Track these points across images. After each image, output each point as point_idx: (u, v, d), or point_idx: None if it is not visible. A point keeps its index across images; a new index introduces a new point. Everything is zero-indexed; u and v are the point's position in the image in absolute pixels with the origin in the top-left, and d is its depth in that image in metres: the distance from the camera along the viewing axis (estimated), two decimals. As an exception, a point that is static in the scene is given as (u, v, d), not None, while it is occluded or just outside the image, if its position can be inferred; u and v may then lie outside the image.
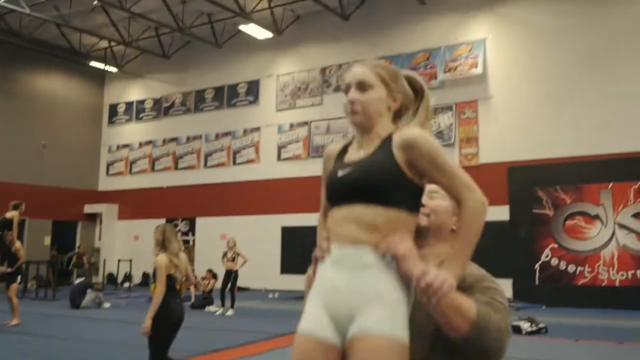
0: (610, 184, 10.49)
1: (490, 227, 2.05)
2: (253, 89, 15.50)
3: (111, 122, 18.13)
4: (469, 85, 12.21)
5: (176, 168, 16.44)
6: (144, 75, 17.37)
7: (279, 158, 14.68)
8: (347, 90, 1.80)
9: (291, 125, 14.68)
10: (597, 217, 10.60)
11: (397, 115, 1.83)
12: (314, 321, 1.72)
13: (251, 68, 15.41)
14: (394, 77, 1.81)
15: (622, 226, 10.38)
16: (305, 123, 14.45)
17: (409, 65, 12.70)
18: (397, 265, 1.59)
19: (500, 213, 10.93)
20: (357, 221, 1.68)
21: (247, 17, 13.48)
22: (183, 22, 14.30)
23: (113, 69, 17.13)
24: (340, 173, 1.76)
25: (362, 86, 1.78)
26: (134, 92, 17.71)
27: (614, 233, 10.41)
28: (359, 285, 1.67)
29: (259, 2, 13.69)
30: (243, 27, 14.24)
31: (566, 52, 11.25)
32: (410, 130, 1.73)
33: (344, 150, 1.86)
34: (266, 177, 14.61)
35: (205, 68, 16.17)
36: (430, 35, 12.83)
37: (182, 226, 15.85)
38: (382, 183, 1.69)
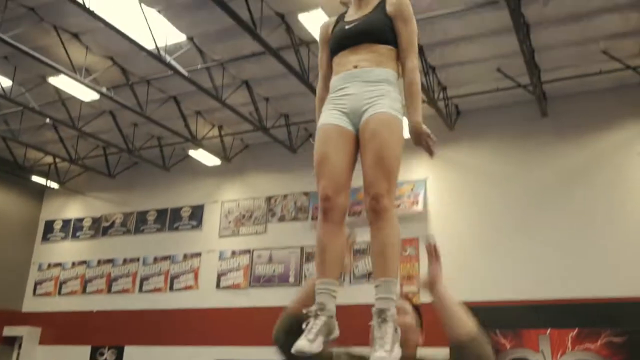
0: (548, 330, 10.55)
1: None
2: (197, 213, 15.37)
3: (45, 238, 17.43)
4: (410, 223, 12.40)
5: (109, 291, 15.69)
6: (86, 193, 17.06)
7: (218, 286, 14.26)
8: None
9: (233, 253, 14.45)
10: (536, 362, 10.53)
11: None
12: (331, 117, 2.35)
13: (197, 193, 15.39)
14: None
15: (560, 373, 10.32)
16: (248, 251, 14.27)
17: (354, 200, 12.96)
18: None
19: (441, 355, 10.73)
20: (364, 53, 2.38)
21: (197, 144, 13.68)
22: (133, 144, 14.37)
23: (54, 185, 16.79)
24: (348, 26, 2.49)
25: None
26: (74, 209, 17.26)
27: (553, 380, 10.32)
28: (371, 88, 2.31)
29: (210, 130, 13.98)
30: (192, 153, 14.40)
31: (506, 195, 11.73)
32: None
33: (339, 20, 2.60)
34: (203, 306, 14.07)
35: (150, 190, 16.06)
36: (374, 172, 13.20)
37: (109, 355, 14.86)
38: (381, 28, 2.42)
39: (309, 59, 10.37)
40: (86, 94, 11.36)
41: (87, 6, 8.64)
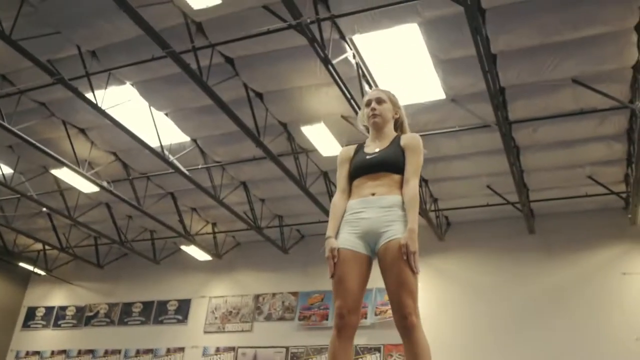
0: None
1: None
2: (183, 308, 15.21)
3: (26, 325, 17.04)
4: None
5: (86, 384, 15.24)
6: (72, 281, 16.88)
7: (199, 384, 13.93)
8: (368, 104, 3.09)
9: (217, 349, 14.22)
10: None
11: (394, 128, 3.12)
12: (348, 242, 2.73)
13: (185, 287, 15.30)
14: (396, 100, 3.15)
15: None
16: (232, 349, 14.05)
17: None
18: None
19: None
20: (381, 180, 2.82)
21: (190, 239, 13.77)
22: (125, 235, 14.43)
23: (41, 272, 16.61)
24: (368, 157, 2.94)
25: (380, 101, 3.07)
26: (58, 297, 17.01)
27: None
28: (385, 213, 2.72)
29: (203, 227, 14.12)
30: (184, 247, 14.46)
31: (493, 308, 11.77)
32: (413, 134, 3.03)
33: (358, 149, 3.05)
34: (183, 406, 13.68)
35: (138, 282, 15.93)
36: (364, 277, 13.28)
37: None
38: (396, 161, 2.86)
39: (307, 166, 10.73)
40: (86, 187, 11.56)
41: (99, 105, 8.99)
